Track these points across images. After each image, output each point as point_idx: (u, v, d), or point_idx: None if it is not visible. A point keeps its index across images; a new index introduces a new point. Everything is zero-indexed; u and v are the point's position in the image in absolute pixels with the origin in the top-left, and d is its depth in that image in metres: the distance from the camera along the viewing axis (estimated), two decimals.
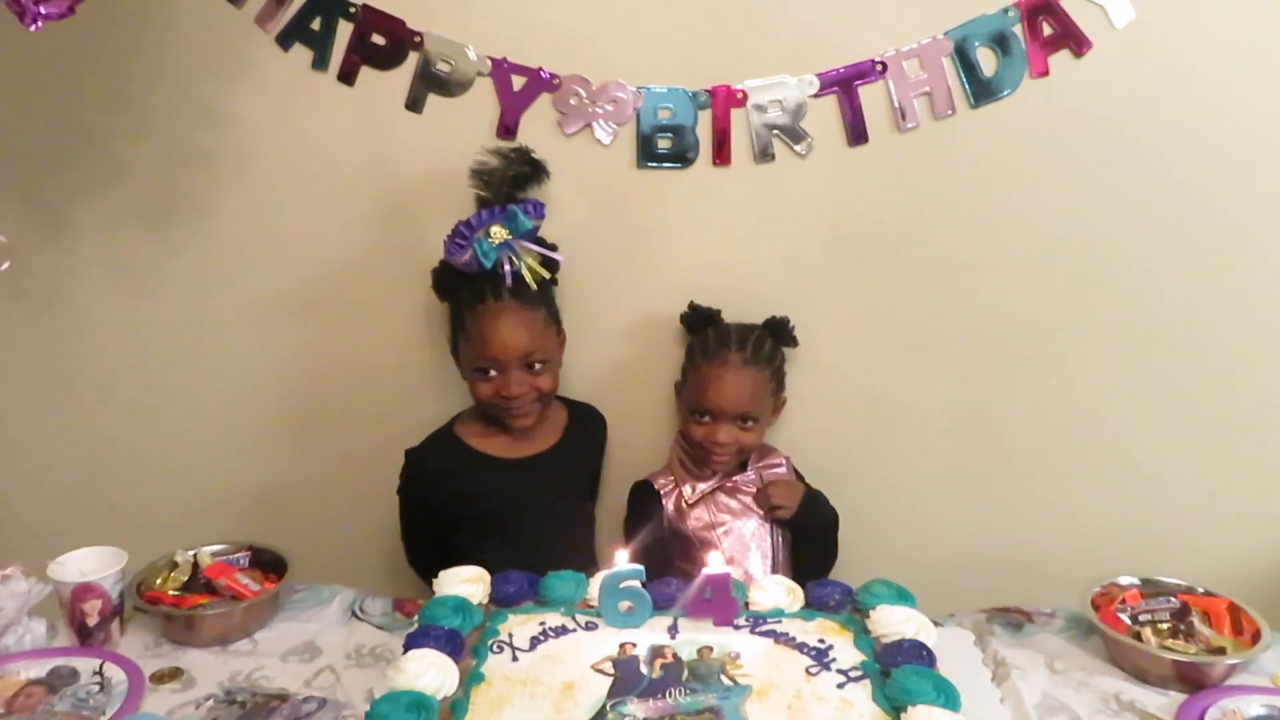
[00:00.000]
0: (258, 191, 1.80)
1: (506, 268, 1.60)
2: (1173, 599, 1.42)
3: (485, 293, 1.63)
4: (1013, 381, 1.80)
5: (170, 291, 1.87)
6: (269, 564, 1.56)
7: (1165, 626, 1.38)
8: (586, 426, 1.82)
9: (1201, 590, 1.44)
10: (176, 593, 1.48)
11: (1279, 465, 1.79)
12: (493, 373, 1.64)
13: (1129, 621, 1.40)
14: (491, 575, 1.38)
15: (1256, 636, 1.35)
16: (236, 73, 1.74)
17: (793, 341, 1.74)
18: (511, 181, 1.64)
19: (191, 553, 1.54)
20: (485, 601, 1.35)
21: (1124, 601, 1.43)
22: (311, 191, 1.80)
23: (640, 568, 1.29)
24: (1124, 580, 1.47)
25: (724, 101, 1.71)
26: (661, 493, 1.74)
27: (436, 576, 1.39)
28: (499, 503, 1.69)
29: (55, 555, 1.43)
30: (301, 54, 1.73)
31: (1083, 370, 1.78)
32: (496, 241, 1.59)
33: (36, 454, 1.97)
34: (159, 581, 1.50)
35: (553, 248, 1.67)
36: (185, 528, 1.72)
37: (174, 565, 1.53)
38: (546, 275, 1.66)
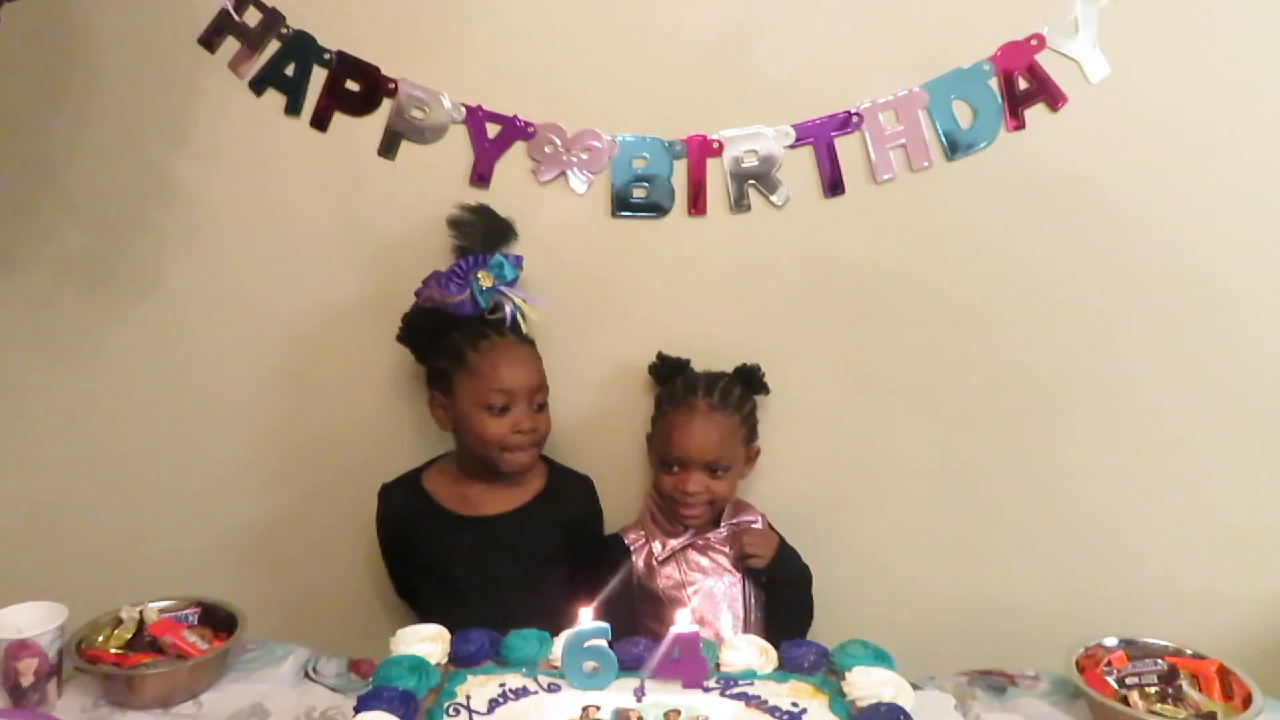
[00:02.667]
0: (214, 242, 1.78)
1: (508, 309, 1.62)
2: (1160, 661, 1.37)
3: (486, 330, 1.63)
4: (992, 437, 1.76)
5: (118, 347, 1.83)
6: (220, 621, 1.49)
7: (1153, 690, 1.33)
8: (564, 493, 1.73)
9: (1190, 652, 1.40)
10: (119, 651, 1.41)
11: (1267, 527, 1.75)
12: (502, 409, 1.61)
13: (1115, 685, 1.35)
14: (452, 632, 1.32)
15: (1248, 701, 1.30)
16: (202, 121, 1.73)
17: (763, 389, 1.71)
18: (486, 237, 1.65)
19: (138, 609, 1.47)
20: (444, 661, 1.29)
21: (1109, 664, 1.38)
22: (278, 238, 1.77)
23: (606, 626, 1.24)
24: (1109, 641, 1.42)
25: (699, 151, 1.70)
26: (631, 548, 1.69)
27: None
28: (451, 559, 1.65)
29: None
30: (274, 99, 1.72)
31: (1064, 425, 1.75)
32: (486, 286, 1.61)
33: None
34: (101, 639, 1.43)
35: None
36: (133, 583, 1.64)
37: (118, 622, 1.45)
38: (537, 319, 1.66)
